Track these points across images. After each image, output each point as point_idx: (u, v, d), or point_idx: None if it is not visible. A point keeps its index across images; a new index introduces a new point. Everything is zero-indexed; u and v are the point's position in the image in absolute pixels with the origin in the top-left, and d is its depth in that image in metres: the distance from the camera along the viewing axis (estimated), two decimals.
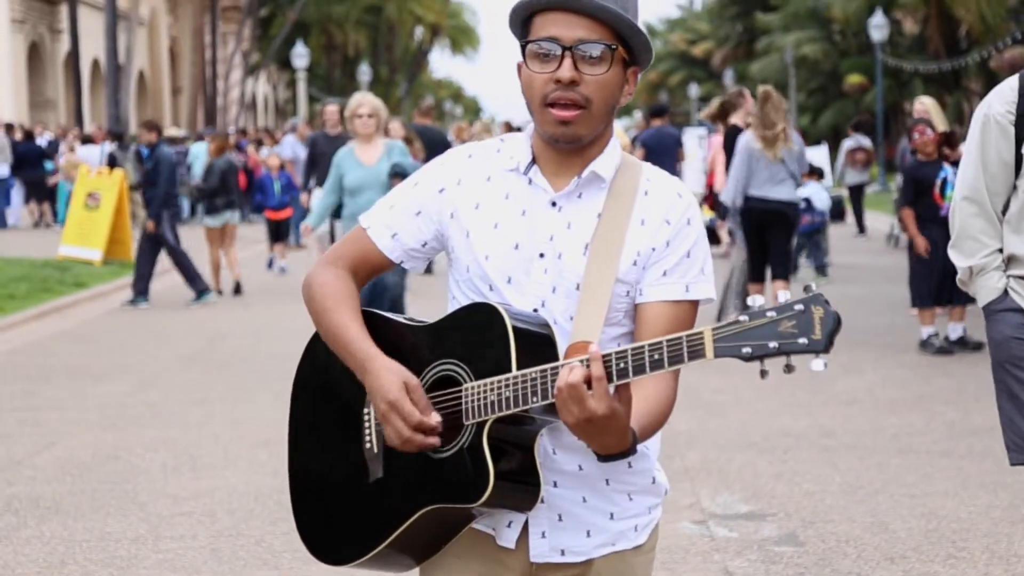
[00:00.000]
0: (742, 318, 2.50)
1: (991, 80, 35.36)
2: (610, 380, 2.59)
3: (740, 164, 12.55)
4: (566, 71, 2.80)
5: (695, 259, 2.89)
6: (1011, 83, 4.55)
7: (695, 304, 2.89)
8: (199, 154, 30.72)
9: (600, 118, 2.85)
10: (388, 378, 2.79)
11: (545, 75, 2.83)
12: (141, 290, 16.20)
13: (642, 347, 2.58)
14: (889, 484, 7.45)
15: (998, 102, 4.55)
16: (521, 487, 2.77)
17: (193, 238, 19.41)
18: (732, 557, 6.24)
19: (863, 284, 17.13)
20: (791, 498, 7.20)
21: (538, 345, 2.75)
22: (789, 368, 2.49)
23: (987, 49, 31.10)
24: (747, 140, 12.60)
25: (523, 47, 2.88)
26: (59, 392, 10.58)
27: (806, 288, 2.49)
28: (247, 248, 22.86)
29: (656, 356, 2.56)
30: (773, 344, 2.47)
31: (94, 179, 21.01)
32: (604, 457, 2.67)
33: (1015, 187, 4.57)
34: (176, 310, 15.89)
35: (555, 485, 2.87)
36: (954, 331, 12.00)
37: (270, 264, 20.49)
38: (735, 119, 13.99)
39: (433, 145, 16.16)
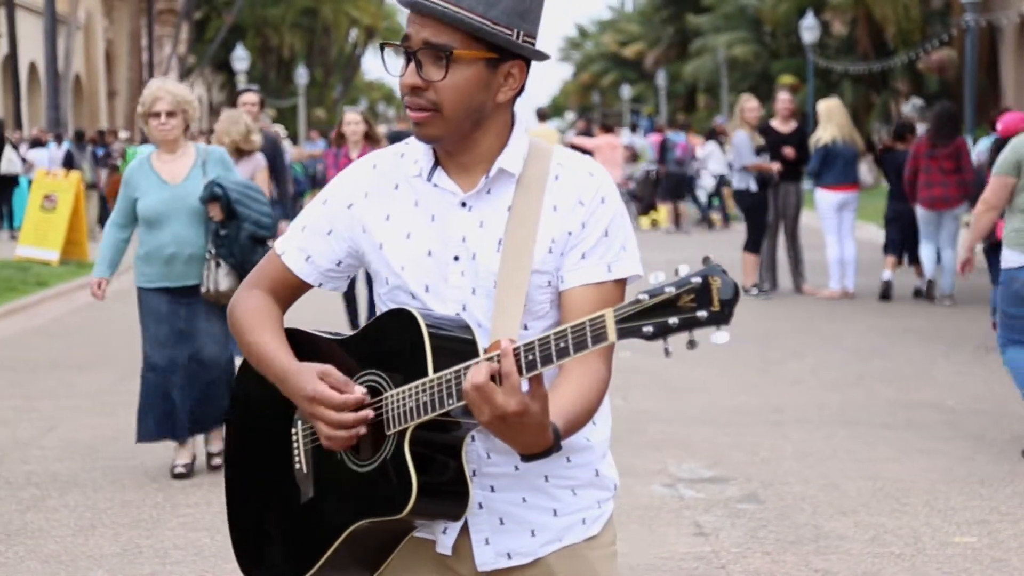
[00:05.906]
0: (642, 296, 2.41)
1: (918, 81, 36.42)
2: (520, 373, 2.50)
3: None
4: (406, 77, 2.71)
5: (614, 237, 2.77)
6: None
7: (621, 283, 2.77)
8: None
9: (458, 120, 2.71)
10: (303, 376, 2.74)
11: (399, 78, 2.75)
12: None
13: (547, 337, 2.49)
14: (837, 451, 8.17)
15: None
16: (449, 495, 2.68)
17: None
18: (701, 513, 6.93)
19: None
20: (750, 464, 7.90)
21: (457, 347, 2.66)
22: (692, 344, 2.39)
23: (914, 51, 32.06)
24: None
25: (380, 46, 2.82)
26: (47, 382, 11.08)
27: (705, 260, 2.40)
28: None
29: (562, 344, 2.47)
30: (673, 320, 2.37)
31: (50, 181, 21.43)
32: (527, 457, 2.59)
33: None
34: None
35: (492, 490, 2.79)
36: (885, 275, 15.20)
37: None
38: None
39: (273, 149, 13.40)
